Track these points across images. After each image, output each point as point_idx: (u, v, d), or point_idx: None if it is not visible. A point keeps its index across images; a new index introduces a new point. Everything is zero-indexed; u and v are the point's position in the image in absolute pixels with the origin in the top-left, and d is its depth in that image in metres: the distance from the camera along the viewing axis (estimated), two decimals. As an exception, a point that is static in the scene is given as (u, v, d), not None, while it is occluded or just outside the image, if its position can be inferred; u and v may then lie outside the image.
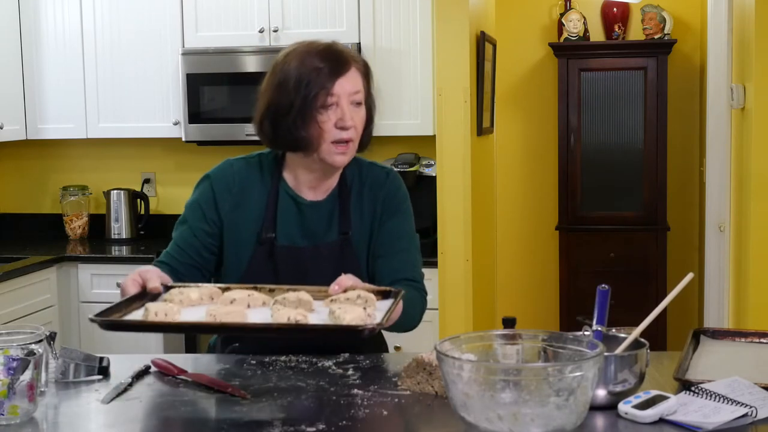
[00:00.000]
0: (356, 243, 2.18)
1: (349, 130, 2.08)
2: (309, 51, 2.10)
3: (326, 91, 2.06)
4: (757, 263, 3.61)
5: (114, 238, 4.66)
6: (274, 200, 2.17)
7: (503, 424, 1.48)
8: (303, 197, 2.19)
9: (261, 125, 2.15)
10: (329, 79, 2.06)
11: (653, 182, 5.32)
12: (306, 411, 1.79)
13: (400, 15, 4.17)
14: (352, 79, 2.09)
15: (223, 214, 2.19)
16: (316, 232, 2.18)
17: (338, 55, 2.09)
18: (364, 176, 2.23)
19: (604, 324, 1.87)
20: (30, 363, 1.74)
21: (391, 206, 2.21)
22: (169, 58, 4.36)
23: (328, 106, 2.07)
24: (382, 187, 2.22)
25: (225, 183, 2.21)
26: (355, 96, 2.10)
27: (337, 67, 2.07)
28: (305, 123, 2.06)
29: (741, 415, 1.64)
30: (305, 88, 2.05)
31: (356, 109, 2.11)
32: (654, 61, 5.26)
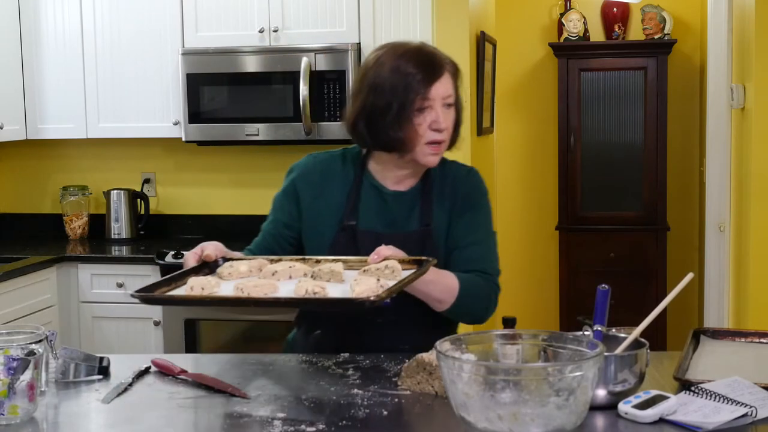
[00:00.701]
0: (436, 235, 2.22)
1: (442, 132, 2.15)
2: (402, 54, 2.15)
3: (422, 96, 2.12)
4: (757, 263, 3.61)
5: (114, 238, 4.66)
6: (356, 189, 2.24)
7: (503, 424, 1.48)
8: (386, 187, 2.24)
9: (355, 125, 2.20)
10: (424, 84, 2.11)
11: (653, 182, 5.32)
12: (306, 411, 1.79)
13: (400, 15, 4.17)
14: (445, 83, 2.15)
15: (303, 205, 2.26)
16: (397, 221, 2.23)
17: (432, 59, 2.15)
18: (447, 173, 2.27)
19: (604, 324, 1.87)
20: (30, 363, 1.74)
21: (469, 201, 2.26)
22: (169, 58, 4.36)
23: (424, 109, 2.13)
24: (464, 182, 2.27)
25: (306, 174, 2.29)
26: (447, 99, 2.16)
27: (432, 72, 2.13)
28: (401, 125, 2.12)
29: (741, 415, 1.64)
30: (402, 93, 2.11)
31: (448, 111, 2.17)
32: (654, 61, 5.27)
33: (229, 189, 4.72)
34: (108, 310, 4.20)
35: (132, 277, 4.17)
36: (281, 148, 4.56)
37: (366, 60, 2.23)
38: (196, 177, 4.75)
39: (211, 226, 4.70)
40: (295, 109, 4.17)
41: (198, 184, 4.75)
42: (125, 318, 4.19)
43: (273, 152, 4.62)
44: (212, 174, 4.73)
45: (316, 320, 2.28)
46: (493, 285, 2.23)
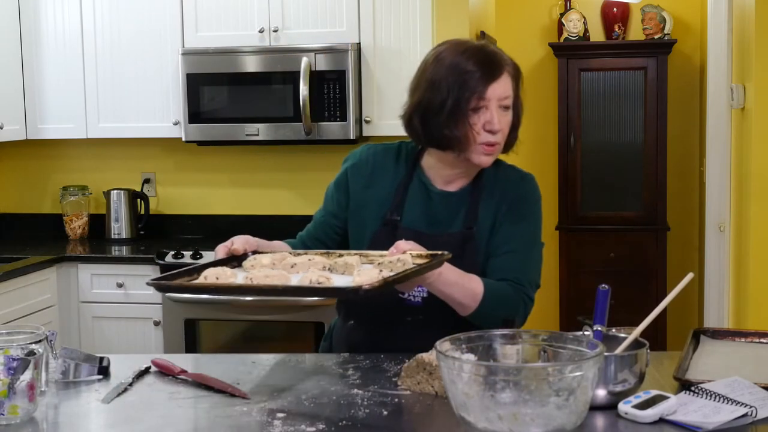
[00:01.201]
0: (479, 239, 2.18)
1: (496, 134, 2.11)
2: (463, 52, 2.11)
3: (478, 95, 2.08)
4: (757, 263, 3.61)
5: (114, 238, 4.66)
6: (405, 185, 2.22)
7: (503, 424, 1.48)
8: (435, 186, 2.21)
9: (410, 121, 2.17)
10: (482, 83, 2.08)
11: (653, 182, 5.32)
12: (306, 411, 1.79)
13: (400, 15, 4.17)
14: (504, 84, 2.12)
15: (351, 194, 2.26)
16: (440, 221, 2.20)
17: (492, 59, 2.11)
18: (500, 176, 2.23)
19: (604, 324, 1.87)
20: (30, 363, 1.74)
21: (516, 208, 2.20)
22: (169, 58, 4.36)
23: (479, 108, 2.09)
24: (515, 188, 2.23)
25: (359, 164, 2.28)
26: (504, 101, 2.12)
27: (490, 72, 2.09)
28: (456, 123, 2.08)
29: (741, 415, 1.64)
30: (458, 90, 2.07)
31: (504, 113, 2.13)
32: (654, 61, 5.27)
33: (229, 189, 4.72)
34: (108, 310, 4.20)
35: (132, 277, 4.17)
36: (281, 148, 4.56)
37: (427, 55, 2.19)
38: (196, 177, 4.75)
39: (211, 226, 4.70)
40: (295, 109, 4.17)
41: (198, 184, 4.75)
42: (125, 318, 4.19)
43: (273, 152, 4.62)
44: (212, 174, 4.73)
45: (350, 311, 2.29)
46: (523, 296, 2.16)
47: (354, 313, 2.28)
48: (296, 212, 4.57)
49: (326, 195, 2.33)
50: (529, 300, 2.19)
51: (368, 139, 4.35)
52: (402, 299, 2.15)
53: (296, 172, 4.61)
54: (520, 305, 2.16)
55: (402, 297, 2.15)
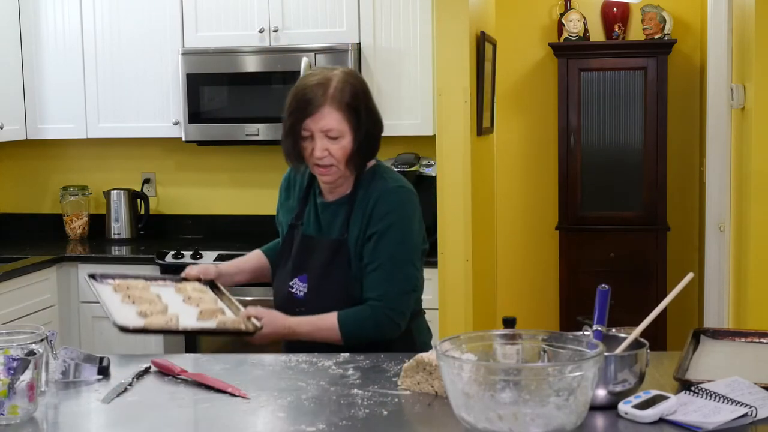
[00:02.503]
0: (350, 246, 2.40)
1: (321, 159, 2.35)
2: (300, 83, 2.40)
3: (300, 126, 2.35)
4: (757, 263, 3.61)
5: (114, 238, 4.66)
6: (305, 196, 2.53)
7: (503, 424, 1.48)
8: (321, 197, 2.49)
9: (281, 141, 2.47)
10: (305, 115, 2.34)
11: (653, 182, 5.32)
12: (306, 411, 1.80)
13: (400, 15, 4.17)
14: (324, 117, 2.33)
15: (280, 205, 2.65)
16: (325, 227, 2.47)
17: (315, 93, 2.34)
18: (372, 188, 2.42)
19: (604, 324, 1.87)
20: (30, 363, 1.74)
21: (379, 223, 2.37)
22: (169, 58, 4.36)
23: (305, 138, 2.36)
24: (379, 203, 2.39)
25: (282, 184, 2.65)
26: (328, 132, 2.35)
27: (310, 106, 2.33)
28: (291, 146, 2.40)
29: (741, 415, 1.64)
30: (290, 118, 2.37)
31: (330, 142, 2.35)
32: (654, 61, 5.26)
33: (229, 189, 4.72)
34: (108, 310, 4.20)
35: (132, 277, 4.16)
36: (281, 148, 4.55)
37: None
38: (196, 177, 4.75)
39: (211, 226, 4.70)
40: (295, 109, 4.16)
41: (198, 184, 4.75)
42: (125, 318, 4.18)
43: (273, 152, 4.60)
44: (212, 174, 4.73)
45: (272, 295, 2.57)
46: (381, 313, 2.32)
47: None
48: (296, 212, 4.56)
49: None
50: (391, 312, 2.33)
51: (368, 139, 4.34)
52: (291, 292, 2.45)
53: (296, 172, 4.60)
54: (382, 322, 2.32)
55: (291, 291, 2.44)
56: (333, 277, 2.39)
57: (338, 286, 2.39)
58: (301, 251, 2.47)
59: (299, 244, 2.48)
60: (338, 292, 2.38)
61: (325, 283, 2.40)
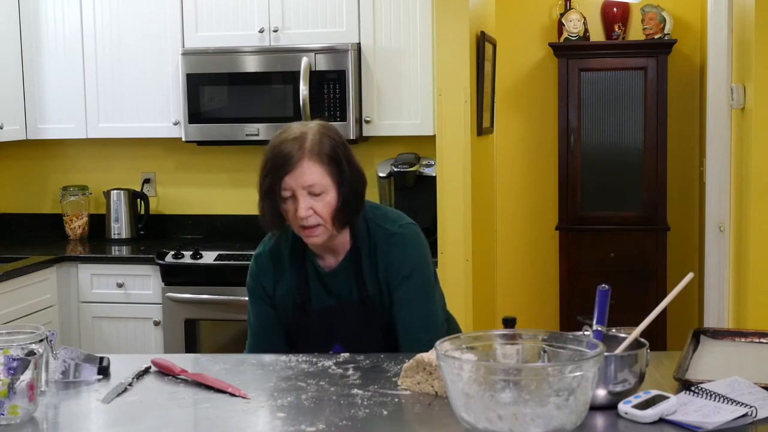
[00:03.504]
0: (374, 300, 2.31)
1: (306, 219, 2.18)
2: (279, 141, 2.21)
3: (279, 185, 2.17)
4: (757, 263, 3.61)
5: (114, 238, 4.66)
6: (303, 269, 2.33)
7: (503, 424, 1.48)
8: (322, 266, 2.33)
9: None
10: (283, 172, 2.16)
11: (653, 182, 5.32)
12: (306, 411, 1.80)
13: (400, 15, 4.17)
14: (305, 173, 2.16)
15: (271, 295, 2.37)
16: (339, 293, 2.33)
17: (291, 148, 2.17)
18: (372, 238, 2.31)
19: (604, 324, 1.87)
20: (30, 363, 1.74)
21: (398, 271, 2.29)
22: (169, 58, 4.36)
23: (286, 199, 2.19)
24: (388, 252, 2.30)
25: (262, 269, 2.37)
26: (311, 188, 2.18)
27: (288, 163, 2.16)
28: (270, 211, 2.22)
29: (741, 415, 1.64)
30: (267, 179, 2.19)
31: (316, 198, 2.19)
32: (654, 61, 5.26)
33: (229, 189, 4.72)
34: (108, 310, 4.20)
35: (132, 277, 4.17)
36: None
37: None
38: (196, 177, 4.75)
39: (211, 226, 4.70)
40: (295, 109, 4.17)
41: (198, 184, 4.75)
42: (125, 318, 4.19)
43: (273, 152, 4.62)
44: (212, 174, 4.73)
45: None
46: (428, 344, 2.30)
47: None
48: (296, 212, 4.56)
49: (250, 302, 2.42)
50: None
51: (368, 139, 4.35)
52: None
53: (296, 172, 4.60)
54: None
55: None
56: (369, 337, 2.32)
57: (376, 340, 2.31)
58: (325, 324, 2.33)
59: (320, 318, 2.33)
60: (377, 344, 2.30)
61: (364, 342, 2.29)
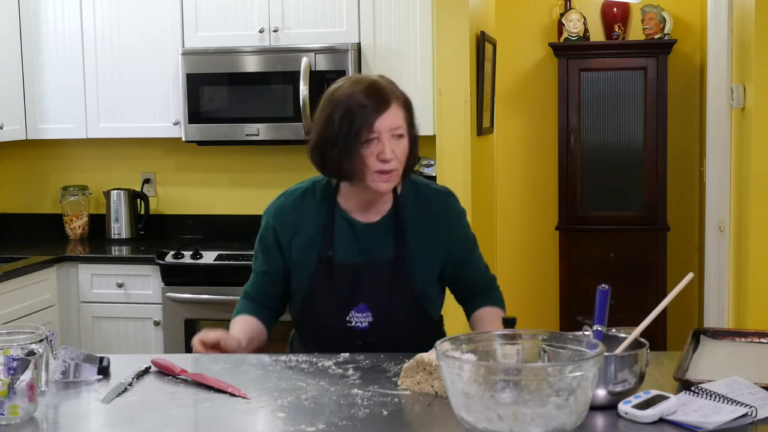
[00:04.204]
0: (411, 262, 2.31)
1: (389, 162, 2.20)
2: (354, 88, 2.22)
3: (368, 128, 2.18)
4: (757, 263, 3.61)
5: (114, 238, 4.66)
6: (330, 223, 2.32)
7: (503, 424, 1.48)
8: (357, 220, 2.33)
9: (312, 154, 2.30)
10: (371, 117, 2.18)
11: (653, 182, 5.32)
12: (306, 411, 1.80)
13: (400, 15, 4.17)
14: (393, 115, 2.21)
15: (283, 247, 2.35)
16: (371, 250, 2.31)
17: (380, 92, 2.21)
18: (421, 199, 2.35)
19: (604, 324, 1.87)
20: (30, 363, 1.74)
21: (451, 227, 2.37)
22: (169, 58, 4.36)
23: (371, 140, 2.19)
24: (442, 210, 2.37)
25: (282, 216, 2.37)
26: (396, 130, 2.21)
27: (378, 105, 2.19)
28: (350, 156, 2.20)
29: (741, 415, 1.64)
30: (349, 125, 2.18)
31: (397, 141, 2.22)
32: (654, 61, 5.26)
33: (229, 189, 4.72)
34: (108, 310, 4.20)
35: (132, 277, 4.17)
36: (281, 148, 4.56)
37: (325, 93, 2.31)
38: (196, 177, 4.75)
39: (211, 226, 4.70)
40: (295, 109, 4.17)
41: (198, 184, 4.75)
42: (125, 318, 4.19)
43: (273, 152, 4.62)
44: (212, 174, 4.73)
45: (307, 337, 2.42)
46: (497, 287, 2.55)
47: (308, 340, 2.41)
48: (296, 212, 4.56)
49: (258, 249, 2.42)
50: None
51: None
52: (350, 326, 2.29)
53: (296, 172, 4.57)
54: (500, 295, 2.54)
55: (349, 324, 2.29)
56: (399, 298, 2.29)
57: (406, 305, 2.30)
58: (350, 281, 2.29)
59: (345, 275, 2.29)
60: (406, 312, 2.30)
61: (392, 307, 2.28)
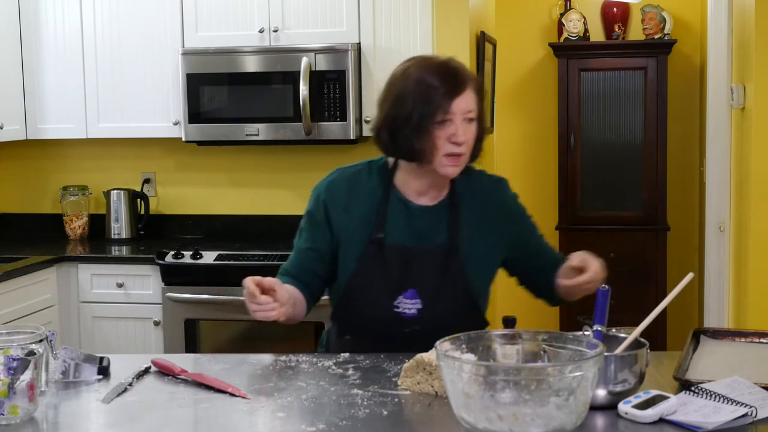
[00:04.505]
0: (463, 248, 2.25)
1: (461, 145, 2.17)
2: (428, 67, 2.20)
3: (443, 110, 2.14)
4: (757, 263, 3.61)
5: (114, 238, 4.66)
6: (383, 203, 2.27)
7: (503, 424, 1.48)
8: (413, 202, 2.28)
9: (379, 133, 2.24)
10: (446, 98, 2.14)
11: (653, 182, 5.32)
12: (306, 411, 1.80)
13: (400, 15, 4.17)
14: (467, 98, 2.18)
15: (333, 223, 2.30)
16: (424, 234, 2.26)
17: (456, 74, 2.18)
18: (475, 186, 2.33)
19: (604, 324, 1.87)
20: (30, 363, 1.74)
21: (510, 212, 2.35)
22: (169, 58, 4.36)
23: (444, 122, 2.15)
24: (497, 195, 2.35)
25: (334, 192, 2.32)
26: (468, 114, 2.18)
27: (454, 87, 2.16)
28: (421, 137, 2.15)
29: (741, 415, 1.64)
30: (423, 105, 2.14)
31: (468, 125, 2.19)
32: (654, 61, 5.27)
33: (229, 189, 4.72)
34: (108, 310, 4.20)
35: (132, 277, 4.17)
36: (281, 148, 4.56)
37: (394, 70, 2.27)
38: (196, 177, 4.75)
39: (211, 226, 4.70)
40: (295, 109, 4.17)
41: (198, 184, 4.75)
42: (125, 318, 4.19)
43: (273, 152, 4.62)
44: (212, 174, 4.73)
45: (346, 326, 2.35)
46: None
47: (350, 329, 2.34)
48: (296, 212, 4.53)
49: (304, 224, 2.36)
50: None
51: (368, 139, 4.35)
52: (397, 312, 2.23)
53: (296, 172, 4.61)
54: None
55: (397, 310, 2.23)
56: (450, 286, 2.24)
57: (456, 294, 2.24)
58: (400, 265, 2.23)
59: (396, 258, 2.23)
60: (456, 299, 2.24)
61: (442, 294, 2.23)
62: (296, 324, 2.36)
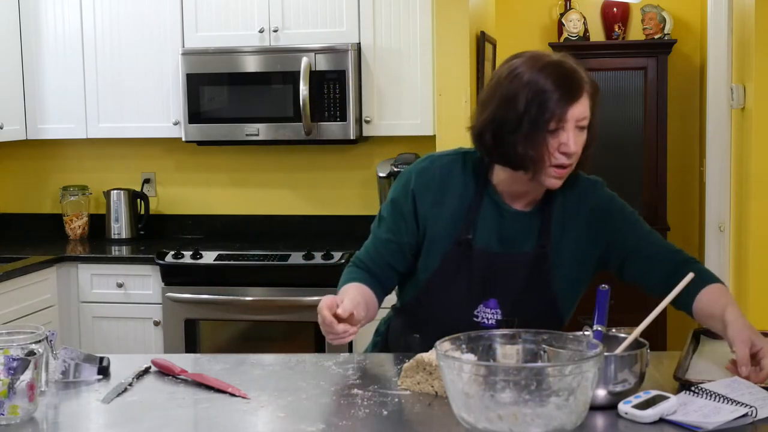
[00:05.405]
0: (553, 256, 2.12)
1: (571, 156, 2.02)
2: (541, 68, 2.00)
3: (558, 118, 1.98)
4: (757, 263, 3.61)
5: (114, 238, 4.66)
6: (477, 203, 2.13)
7: (503, 424, 1.48)
8: (508, 205, 2.13)
9: (481, 136, 2.06)
10: (561, 105, 1.98)
11: (653, 182, 5.32)
12: (306, 411, 1.79)
13: (400, 15, 4.17)
14: (583, 104, 2.03)
15: (420, 215, 2.15)
16: (513, 240, 2.13)
17: (572, 79, 2.01)
18: (568, 190, 2.14)
19: (604, 324, 1.87)
20: (30, 363, 1.74)
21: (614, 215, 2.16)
22: (169, 58, 4.36)
23: (557, 130, 1.99)
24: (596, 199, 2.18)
25: (427, 182, 2.16)
26: (582, 122, 2.03)
27: (570, 92, 1.99)
28: (532, 143, 1.98)
29: (741, 415, 1.64)
30: (537, 111, 1.97)
31: (580, 134, 2.04)
32: (654, 61, 5.26)
33: (229, 189, 4.72)
34: (108, 310, 4.20)
35: (132, 277, 4.17)
36: (281, 148, 4.56)
37: (500, 68, 2.09)
38: (196, 177, 4.75)
39: (211, 226, 4.70)
40: (295, 109, 4.17)
41: (198, 184, 4.75)
42: (125, 318, 4.19)
43: (273, 152, 4.62)
44: (212, 174, 4.73)
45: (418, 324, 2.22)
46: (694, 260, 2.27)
47: (420, 328, 2.21)
48: (296, 212, 4.57)
49: (387, 211, 2.21)
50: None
51: (368, 139, 4.35)
52: (476, 322, 2.11)
53: (296, 172, 4.61)
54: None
55: (476, 320, 2.12)
56: (533, 297, 2.11)
57: (539, 306, 2.11)
58: (485, 271, 2.11)
59: (482, 263, 2.10)
60: (539, 312, 2.09)
61: (524, 306, 2.09)
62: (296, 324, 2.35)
